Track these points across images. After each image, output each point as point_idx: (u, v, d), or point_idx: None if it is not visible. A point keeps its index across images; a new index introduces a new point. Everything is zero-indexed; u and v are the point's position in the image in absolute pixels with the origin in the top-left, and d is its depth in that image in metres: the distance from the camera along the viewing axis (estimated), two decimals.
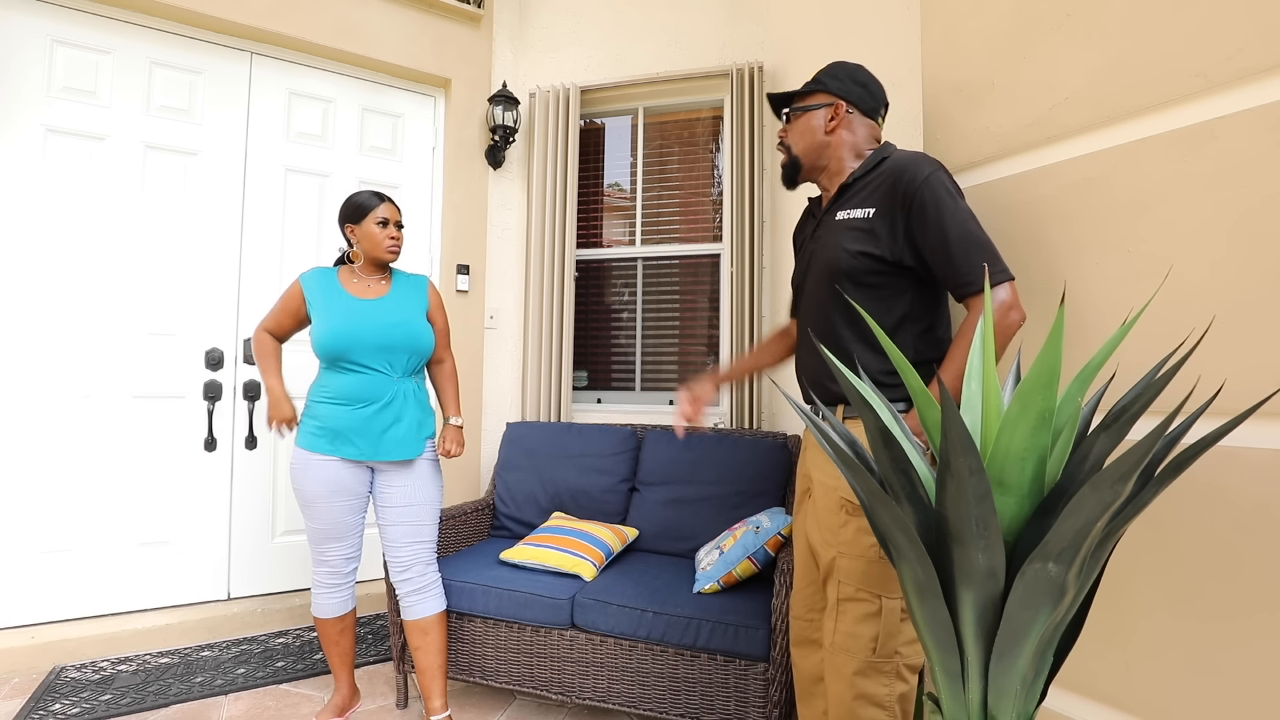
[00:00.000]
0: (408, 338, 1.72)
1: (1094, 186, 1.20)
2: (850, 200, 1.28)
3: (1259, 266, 0.98)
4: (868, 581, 1.19)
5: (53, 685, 1.95)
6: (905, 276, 1.21)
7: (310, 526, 1.71)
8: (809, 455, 1.36)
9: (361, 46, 2.60)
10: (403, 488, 1.73)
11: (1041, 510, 0.74)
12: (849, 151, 1.32)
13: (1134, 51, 1.14)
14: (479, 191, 2.83)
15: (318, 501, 1.67)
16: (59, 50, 2.23)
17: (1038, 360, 0.69)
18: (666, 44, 2.75)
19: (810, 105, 1.34)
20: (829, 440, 0.89)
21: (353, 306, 1.70)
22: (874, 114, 1.34)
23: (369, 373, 1.69)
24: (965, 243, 1.12)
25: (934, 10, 1.59)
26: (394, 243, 1.75)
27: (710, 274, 2.76)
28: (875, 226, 1.21)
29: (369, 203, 1.73)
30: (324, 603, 1.74)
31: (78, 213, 2.25)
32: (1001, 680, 0.76)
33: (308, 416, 1.70)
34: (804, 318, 1.38)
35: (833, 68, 1.35)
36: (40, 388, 2.18)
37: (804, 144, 1.35)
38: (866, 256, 1.21)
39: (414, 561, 1.74)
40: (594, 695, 1.73)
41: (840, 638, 1.21)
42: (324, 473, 1.67)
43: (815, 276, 1.32)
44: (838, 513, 1.23)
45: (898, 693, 1.18)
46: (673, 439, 2.31)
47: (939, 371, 1.16)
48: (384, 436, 1.69)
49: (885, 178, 1.23)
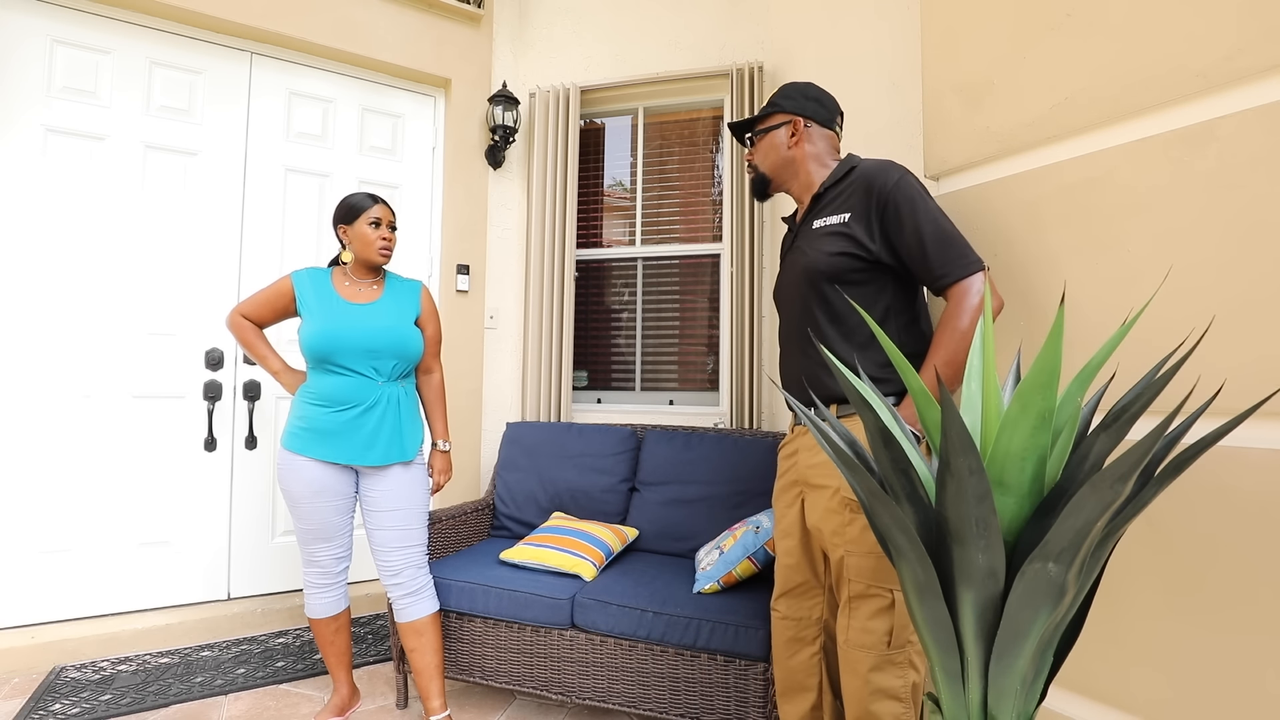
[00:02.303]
0: (394, 342, 1.71)
1: (1094, 186, 1.20)
2: (825, 209, 1.36)
3: (1259, 266, 0.98)
4: (878, 577, 1.21)
5: (53, 685, 1.95)
6: (885, 273, 1.29)
7: (299, 527, 1.71)
8: (802, 458, 1.38)
9: (361, 46, 2.60)
10: (387, 492, 1.72)
11: (1041, 510, 0.74)
12: (814, 162, 1.42)
13: (1134, 52, 1.14)
14: (479, 191, 2.83)
15: (303, 502, 1.67)
16: (59, 50, 2.23)
17: (1038, 360, 0.69)
18: (666, 44, 2.75)
19: (770, 126, 1.44)
20: (829, 440, 0.89)
21: (341, 309, 1.70)
22: (830, 124, 1.44)
23: (353, 376, 1.68)
24: (938, 238, 1.21)
25: (934, 10, 1.59)
26: (386, 244, 1.75)
27: (710, 274, 2.76)
28: (852, 229, 1.28)
29: (362, 204, 1.73)
30: (316, 603, 1.74)
31: (78, 213, 2.25)
32: (1001, 680, 0.76)
33: (294, 416, 1.70)
34: (787, 325, 1.44)
35: (785, 89, 1.45)
36: (40, 388, 2.18)
37: (770, 161, 1.45)
38: (846, 256, 1.28)
39: (405, 565, 1.73)
40: (594, 695, 1.73)
41: (855, 634, 1.23)
42: (308, 473, 1.66)
43: (795, 283, 1.39)
44: (842, 512, 1.25)
45: (910, 682, 1.22)
46: (673, 439, 2.31)
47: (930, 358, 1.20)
48: (366, 440, 1.68)
49: (857, 184, 1.31)
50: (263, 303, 1.75)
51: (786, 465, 1.45)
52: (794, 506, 1.40)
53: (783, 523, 1.43)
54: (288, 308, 1.75)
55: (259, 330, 1.78)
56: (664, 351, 2.83)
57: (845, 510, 1.25)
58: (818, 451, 1.31)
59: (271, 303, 1.75)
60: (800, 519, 1.39)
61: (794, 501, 1.40)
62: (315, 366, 1.70)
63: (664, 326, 2.83)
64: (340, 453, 1.67)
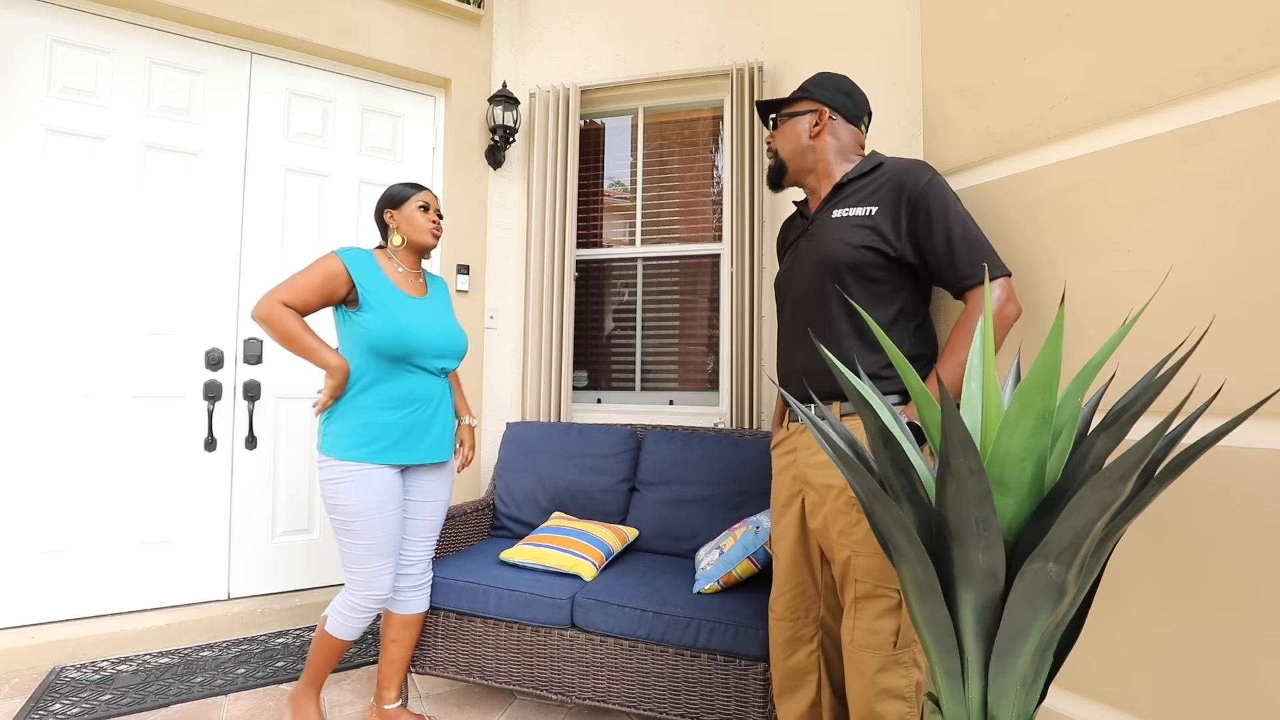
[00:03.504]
0: (460, 342, 1.77)
1: (1094, 186, 1.20)
2: (848, 199, 1.33)
3: (1259, 266, 0.98)
4: (885, 577, 1.21)
5: (53, 685, 1.95)
6: (904, 273, 1.27)
7: (358, 544, 1.58)
8: (801, 457, 1.35)
9: (361, 46, 2.60)
10: (434, 485, 1.76)
11: (1041, 510, 0.74)
12: (834, 155, 1.40)
13: (1134, 51, 1.14)
14: (479, 191, 2.83)
15: (370, 514, 1.57)
16: (59, 50, 2.23)
17: (1038, 360, 0.69)
18: (666, 44, 2.75)
19: (796, 111, 1.42)
20: (829, 440, 0.89)
21: (411, 306, 1.66)
22: (857, 120, 1.42)
23: (424, 374, 1.67)
24: (967, 241, 1.20)
25: (934, 10, 1.59)
26: (436, 227, 1.73)
27: (710, 274, 2.76)
28: (878, 224, 1.26)
29: (409, 190, 1.72)
30: (357, 626, 1.65)
31: (78, 213, 2.25)
32: (1001, 680, 0.77)
33: (355, 423, 1.58)
34: (794, 316, 1.40)
35: (818, 77, 1.43)
36: (40, 388, 2.18)
37: (790, 148, 1.42)
38: (870, 250, 1.26)
39: (422, 557, 1.77)
40: (594, 695, 1.73)
41: (861, 635, 1.22)
42: (377, 482, 1.58)
43: (809, 272, 1.35)
44: (849, 512, 1.24)
45: (914, 681, 1.22)
46: (673, 439, 2.31)
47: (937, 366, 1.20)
48: (436, 438, 1.71)
49: (887, 179, 1.29)
50: (311, 287, 1.55)
51: (783, 463, 1.42)
52: (792, 506, 1.39)
53: (780, 522, 1.42)
54: (338, 291, 1.59)
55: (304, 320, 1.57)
56: (664, 351, 2.83)
57: (852, 510, 1.23)
58: (818, 450, 1.30)
59: (322, 286, 1.56)
60: (799, 519, 1.37)
61: (792, 500, 1.39)
62: (384, 364, 1.60)
63: (664, 326, 2.83)
64: (418, 453, 1.65)
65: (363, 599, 1.63)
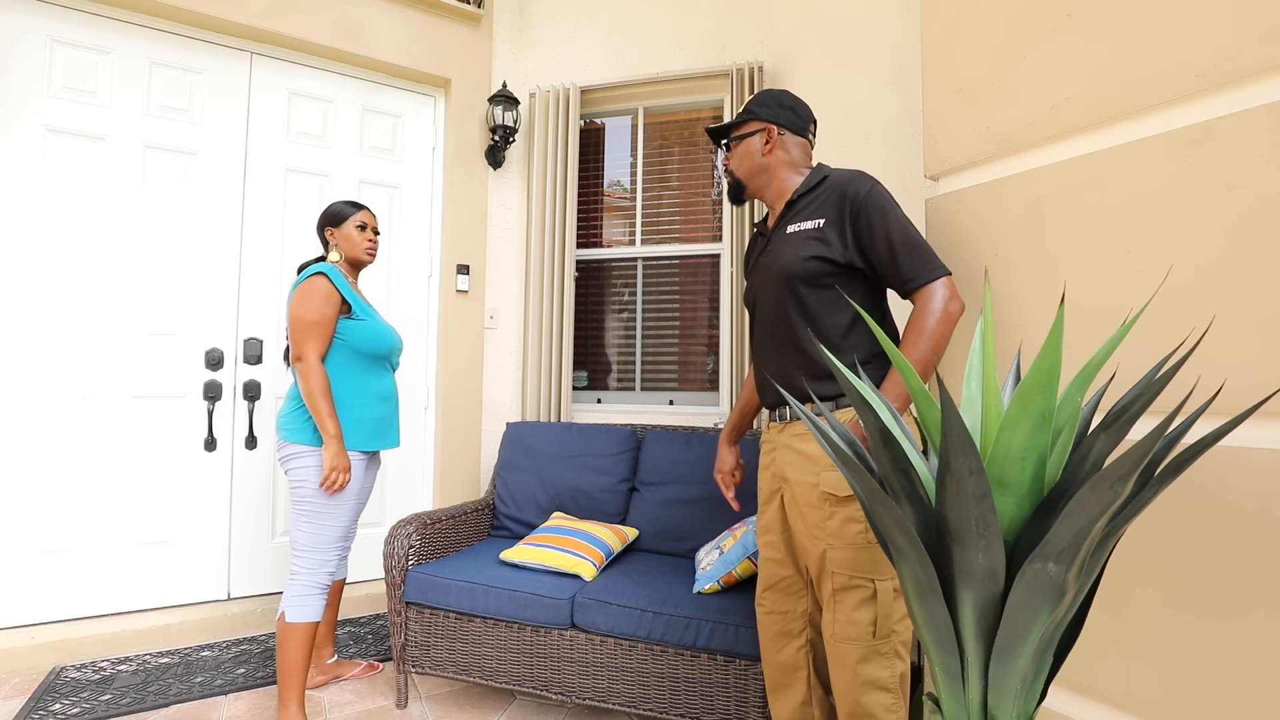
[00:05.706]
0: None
1: (1094, 186, 1.20)
2: (798, 215, 1.40)
3: (1258, 266, 0.98)
4: (859, 567, 1.24)
5: (53, 685, 1.95)
6: (854, 277, 1.34)
7: (329, 527, 1.74)
8: (779, 456, 1.40)
9: (361, 46, 2.60)
10: (377, 469, 1.95)
11: (1041, 510, 0.74)
12: (787, 169, 1.46)
13: (1134, 51, 1.14)
14: (479, 191, 2.83)
15: (350, 499, 1.77)
16: (59, 50, 2.23)
17: (1038, 360, 0.69)
18: (666, 44, 2.75)
19: (747, 133, 1.48)
20: (828, 440, 0.89)
21: (374, 311, 1.88)
22: (803, 132, 1.48)
23: (392, 371, 1.92)
24: (908, 245, 1.26)
25: (934, 10, 1.59)
26: (371, 245, 1.89)
27: (710, 274, 2.76)
28: (826, 234, 1.33)
29: (349, 210, 1.87)
30: (317, 606, 1.72)
31: (78, 213, 2.25)
32: (1001, 680, 0.77)
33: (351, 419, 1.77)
34: (761, 327, 1.47)
35: (760, 96, 1.49)
36: (40, 388, 2.18)
37: (745, 167, 1.49)
38: (820, 260, 1.33)
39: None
40: (594, 695, 1.73)
41: (840, 627, 1.25)
42: (358, 470, 1.79)
43: (770, 285, 1.42)
44: (822, 506, 1.28)
45: (898, 672, 1.24)
46: (673, 439, 2.31)
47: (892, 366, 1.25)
48: (398, 426, 1.94)
49: (831, 192, 1.36)
50: (326, 325, 1.72)
51: (765, 461, 1.47)
52: (773, 502, 1.43)
53: (764, 518, 1.46)
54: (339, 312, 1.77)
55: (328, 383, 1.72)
56: (664, 351, 2.83)
57: (825, 504, 1.27)
58: (794, 448, 1.34)
59: (331, 318, 1.73)
60: (781, 514, 1.41)
61: (772, 497, 1.43)
62: (369, 364, 1.81)
63: (664, 326, 2.83)
64: (389, 440, 1.88)
65: (323, 575, 1.75)
